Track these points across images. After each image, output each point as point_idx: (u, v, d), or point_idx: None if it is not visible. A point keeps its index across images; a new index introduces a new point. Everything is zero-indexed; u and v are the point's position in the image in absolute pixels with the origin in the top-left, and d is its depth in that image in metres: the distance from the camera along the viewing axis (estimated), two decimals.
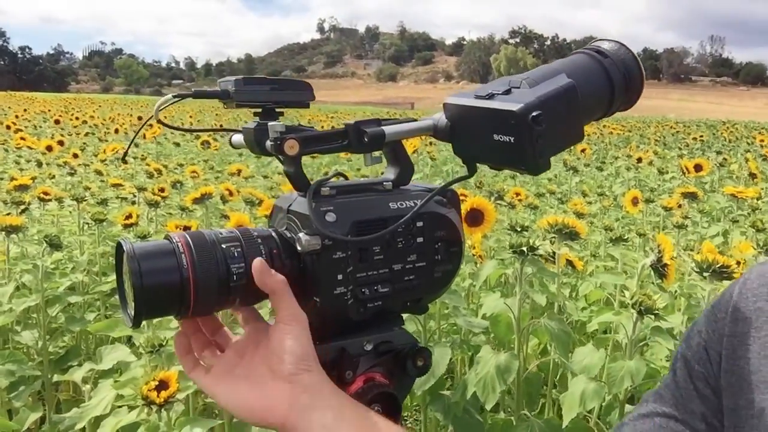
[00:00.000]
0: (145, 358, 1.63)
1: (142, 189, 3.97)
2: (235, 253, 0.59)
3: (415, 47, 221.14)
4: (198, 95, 0.69)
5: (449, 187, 0.67)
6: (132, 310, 0.57)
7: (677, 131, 20.39)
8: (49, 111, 19.98)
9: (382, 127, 0.65)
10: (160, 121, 0.69)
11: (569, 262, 2.49)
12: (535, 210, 4.03)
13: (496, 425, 1.98)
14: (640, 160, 8.06)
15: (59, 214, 3.61)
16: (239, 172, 5.84)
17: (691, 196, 3.92)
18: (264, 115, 0.67)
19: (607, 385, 1.69)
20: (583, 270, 2.70)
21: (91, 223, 2.84)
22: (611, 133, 16.60)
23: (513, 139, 0.57)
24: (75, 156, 6.74)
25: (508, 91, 0.60)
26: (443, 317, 2.24)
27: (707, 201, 4.92)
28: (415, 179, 0.71)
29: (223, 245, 0.59)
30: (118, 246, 0.59)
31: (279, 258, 0.61)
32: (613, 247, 2.82)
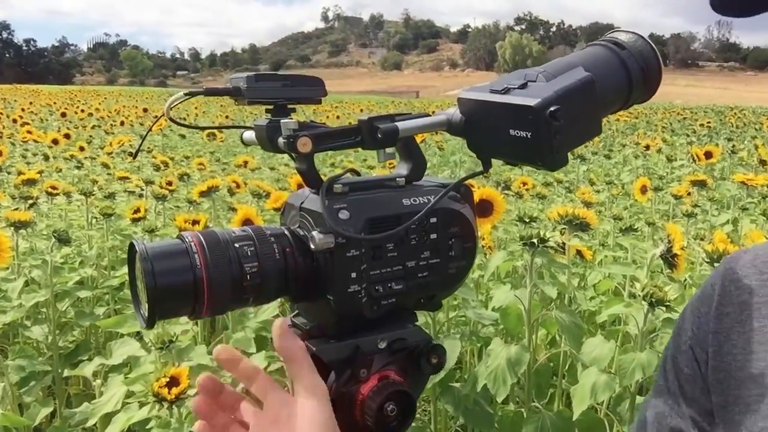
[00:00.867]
0: (155, 354, 1.63)
1: (150, 182, 3.97)
2: (249, 252, 0.58)
3: (419, 35, 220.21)
4: (210, 92, 0.68)
5: (463, 182, 0.66)
6: (146, 310, 0.56)
7: (684, 117, 20.28)
8: (55, 104, 20.02)
9: (396, 123, 0.64)
10: (171, 119, 0.69)
11: (578, 252, 2.48)
12: (543, 199, 4.01)
13: (506, 417, 1.98)
14: (648, 148, 8.01)
15: (67, 209, 3.61)
16: (246, 163, 5.84)
17: (700, 184, 3.89)
18: (276, 112, 0.66)
19: (618, 377, 1.68)
20: (592, 259, 2.68)
21: (99, 218, 2.84)
22: (618, 120, 16.51)
23: (530, 135, 0.56)
24: (81, 149, 6.75)
25: (524, 85, 0.59)
26: (452, 308, 2.23)
27: (717, 189, 4.88)
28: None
29: (236, 244, 0.58)
30: (131, 246, 0.59)
31: (292, 256, 0.60)
32: (623, 237, 2.80)
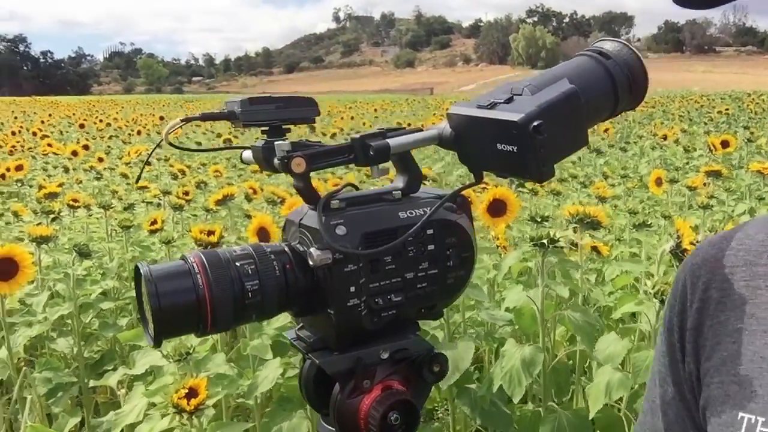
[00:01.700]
0: (174, 365, 1.67)
1: (167, 192, 4.03)
2: (249, 271, 0.60)
3: (431, 31, 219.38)
4: (206, 117, 0.70)
5: (459, 193, 0.67)
6: (152, 330, 0.59)
7: (701, 105, 20.01)
8: (74, 114, 20.28)
9: (387, 140, 0.64)
10: (171, 144, 0.70)
11: (594, 248, 2.48)
12: (558, 196, 4.00)
13: (524, 417, 2.00)
14: (665, 138, 7.93)
15: (88, 221, 3.68)
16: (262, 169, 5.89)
17: (714, 174, 3.86)
18: (271, 133, 0.67)
19: (632, 375, 1.69)
20: (609, 255, 2.68)
21: (118, 230, 2.90)
22: (634, 110, 16.34)
23: (516, 149, 0.57)
24: (100, 160, 6.86)
25: (510, 99, 0.60)
26: (468, 308, 2.25)
27: (735, 179, 4.83)
28: (438, 167, 0.70)
29: (237, 263, 0.60)
30: (136, 269, 0.61)
31: (293, 272, 0.62)
32: (637, 233, 2.80)
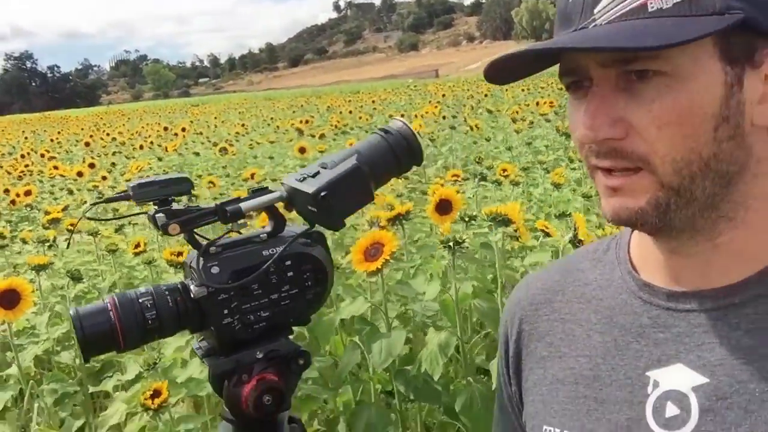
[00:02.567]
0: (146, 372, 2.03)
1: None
2: (149, 305, 0.82)
3: (433, 12, 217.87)
4: (110, 200, 0.99)
5: (307, 233, 0.87)
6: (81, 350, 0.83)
7: None
8: (83, 130, 20.67)
9: (239, 205, 0.85)
10: (90, 218, 1.03)
11: (544, 233, 2.76)
12: (517, 186, 4.29)
13: (451, 392, 2.33)
14: None
15: (81, 245, 4.02)
16: (252, 176, 6.19)
17: None
18: (160, 204, 0.87)
19: None
20: (525, 244, 2.91)
21: (106, 254, 3.26)
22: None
23: (316, 210, 0.81)
24: (103, 178, 7.16)
25: (316, 174, 0.82)
26: (403, 302, 2.58)
27: None
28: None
29: (140, 300, 0.82)
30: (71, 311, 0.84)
31: (183, 303, 0.83)
32: (558, 222, 3.07)
